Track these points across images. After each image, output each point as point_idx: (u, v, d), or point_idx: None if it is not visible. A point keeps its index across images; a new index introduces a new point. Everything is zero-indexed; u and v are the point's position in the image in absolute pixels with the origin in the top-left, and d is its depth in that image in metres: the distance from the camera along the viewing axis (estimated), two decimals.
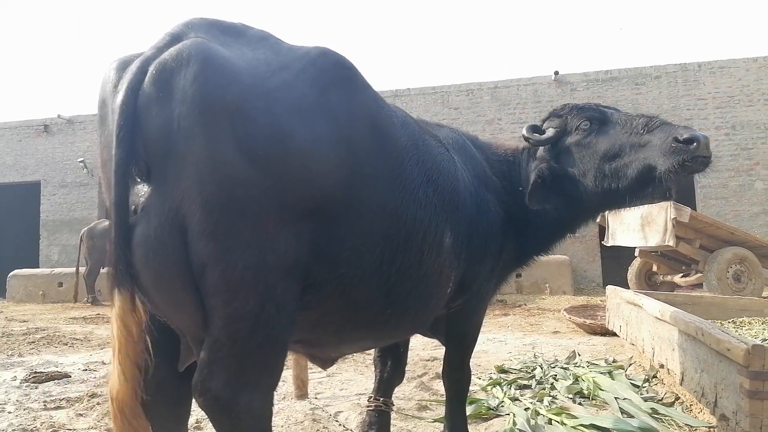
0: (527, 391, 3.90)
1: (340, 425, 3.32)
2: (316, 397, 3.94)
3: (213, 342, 1.53)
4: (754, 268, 9.05)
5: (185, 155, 1.47)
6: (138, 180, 1.53)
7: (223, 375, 1.52)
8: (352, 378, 4.53)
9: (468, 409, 3.11)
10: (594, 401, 3.62)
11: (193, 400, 1.65)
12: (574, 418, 3.13)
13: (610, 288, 5.98)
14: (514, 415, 3.26)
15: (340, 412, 3.58)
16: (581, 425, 3.03)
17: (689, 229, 8.95)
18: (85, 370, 5.02)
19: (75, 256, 13.02)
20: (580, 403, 3.56)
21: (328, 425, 3.31)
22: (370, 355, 4.13)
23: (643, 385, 3.84)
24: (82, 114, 17.18)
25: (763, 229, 12.51)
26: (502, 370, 4.48)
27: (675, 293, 6.73)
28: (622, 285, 6.87)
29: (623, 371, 4.21)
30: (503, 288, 3.02)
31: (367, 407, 2.92)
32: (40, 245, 16.93)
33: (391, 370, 2.93)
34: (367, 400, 2.95)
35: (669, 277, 10.33)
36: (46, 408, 3.77)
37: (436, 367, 4.66)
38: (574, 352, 4.96)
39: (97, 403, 3.81)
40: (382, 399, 2.89)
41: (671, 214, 8.61)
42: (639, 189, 2.40)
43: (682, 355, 3.47)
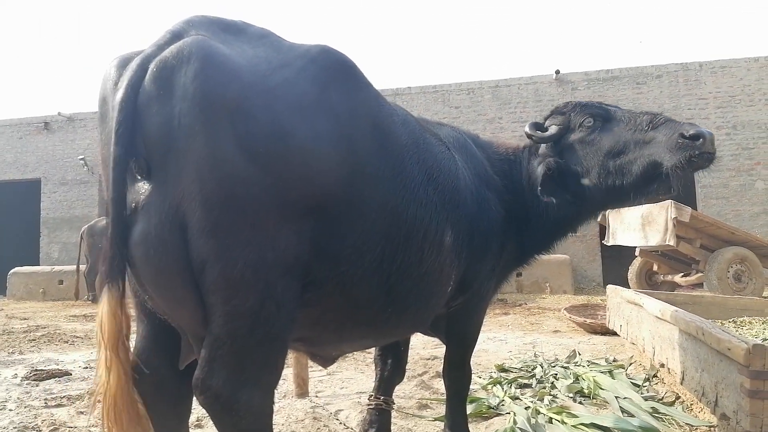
0: (528, 390, 3.90)
1: (341, 423, 3.32)
2: (317, 396, 3.95)
3: (213, 339, 1.53)
4: (754, 267, 9.04)
5: (185, 153, 1.47)
6: (138, 177, 1.53)
7: (224, 373, 1.52)
8: (352, 376, 4.53)
9: (468, 408, 3.11)
10: (594, 400, 3.62)
11: (194, 398, 1.65)
12: (575, 417, 3.13)
13: (610, 287, 5.98)
14: (514, 413, 3.26)
15: (340, 410, 3.58)
16: (581, 424, 3.02)
17: (690, 229, 8.94)
18: (86, 367, 5.02)
19: (75, 254, 13.01)
20: (580, 402, 3.56)
21: (328, 423, 3.31)
22: (370, 353, 4.13)
23: (644, 384, 3.84)
24: (82, 111, 17.18)
25: (764, 229, 12.50)
26: (502, 369, 4.48)
27: (675, 293, 6.72)
28: (622, 284, 6.86)
29: (624, 370, 4.21)
30: (504, 287, 3.02)
31: (368, 406, 2.92)
32: (40, 243, 16.94)
33: (391, 369, 2.93)
34: (368, 399, 2.95)
35: (669, 277, 10.33)
36: (46, 406, 3.77)
37: (437, 365, 4.66)
38: (575, 351, 4.96)
39: (98, 400, 3.80)
40: (382, 397, 2.89)
41: (672, 213, 8.60)
42: (644, 185, 2.40)
43: (682, 354, 3.47)
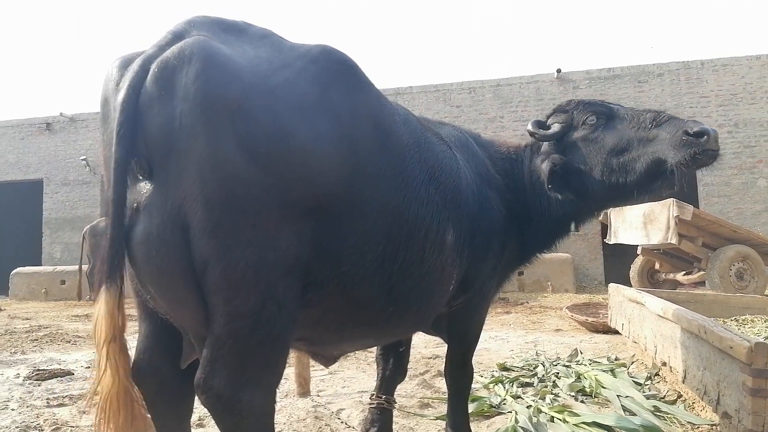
0: (529, 388, 3.89)
1: (342, 423, 3.33)
2: (318, 395, 3.95)
3: (215, 339, 1.53)
4: (756, 265, 9.03)
5: (187, 153, 1.47)
6: (140, 178, 1.53)
7: (225, 373, 1.52)
8: (354, 376, 4.53)
9: (470, 407, 3.11)
10: (596, 399, 3.62)
11: (196, 398, 1.65)
12: (576, 416, 3.12)
13: (612, 286, 5.97)
14: (516, 412, 3.26)
15: (342, 409, 3.58)
16: (583, 423, 3.02)
17: (692, 227, 8.94)
18: (88, 367, 5.03)
19: (77, 254, 13.04)
20: (582, 401, 3.56)
21: (330, 423, 3.31)
22: (372, 352, 4.13)
23: (646, 382, 3.84)
24: (84, 112, 17.21)
25: (766, 227, 12.48)
26: (504, 368, 4.48)
27: (677, 291, 6.71)
28: (624, 283, 6.85)
29: (625, 369, 4.21)
30: (505, 285, 3.02)
31: (369, 405, 2.93)
32: (42, 243, 16.99)
33: (393, 368, 2.94)
34: (369, 398, 2.95)
35: (671, 275, 10.32)
36: (49, 405, 3.78)
37: (438, 364, 4.66)
38: (576, 349, 4.96)
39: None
40: (384, 396, 2.89)
41: (674, 211, 8.60)
42: (648, 183, 2.41)
43: (684, 352, 3.47)
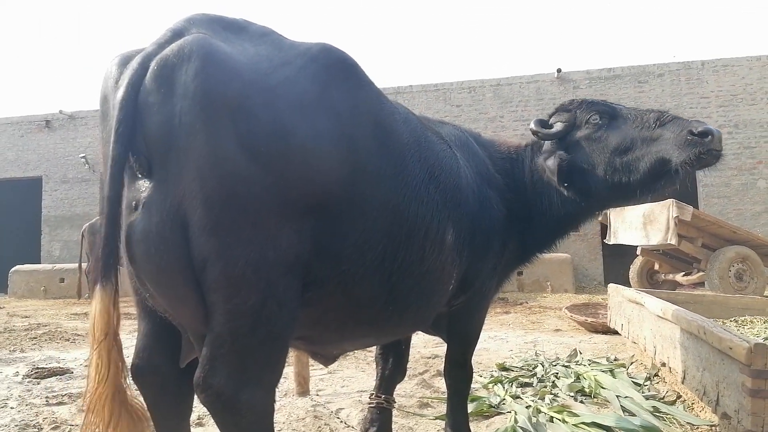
0: (528, 389, 3.89)
1: (342, 422, 3.32)
2: (318, 394, 3.95)
3: (214, 338, 1.53)
4: (756, 266, 9.04)
5: (186, 151, 1.46)
6: (139, 175, 1.53)
7: (225, 371, 1.51)
8: (353, 375, 4.53)
9: (469, 407, 3.11)
10: (595, 399, 3.62)
11: (195, 396, 1.65)
12: (576, 416, 3.12)
13: (611, 286, 5.97)
14: (515, 412, 3.26)
15: (341, 409, 3.58)
16: (582, 423, 3.02)
17: (691, 228, 8.94)
18: (87, 365, 5.01)
19: (76, 252, 13.05)
20: (581, 402, 3.56)
21: (329, 422, 3.31)
22: (371, 352, 4.12)
23: (645, 383, 3.84)
24: (83, 110, 17.20)
25: (766, 228, 12.48)
26: (503, 368, 4.48)
27: (677, 292, 6.71)
28: (623, 283, 6.86)
29: (625, 369, 4.21)
30: (505, 285, 3.02)
31: (369, 404, 2.92)
32: (41, 241, 16.97)
33: (392, 368, 2.93)
34: (369, 398, 2.95)
35: (671, 276, 10.33)
36: (48, 404, 3.78)
37: (438, 364, 4.66)
38: (576, 350, 4.96)
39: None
40: (383, 396, 2.89)
41: (673, 212, 8.60)
42: (651, 182, 2.41)
43: (683, 353, 3.47)
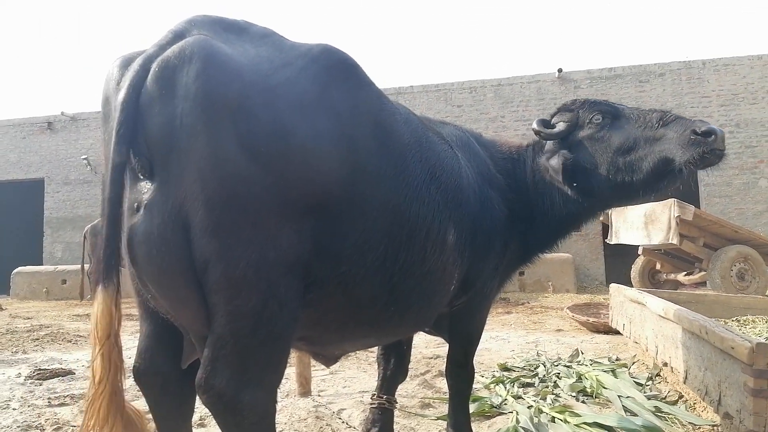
0: (530, 389, 3.89)
1: (344, 423, 3.32)
2: (319, 395, 3.95)
3: (216, 339, 1.53)
4: (757, 266, 9.02)
5: (188, 152, 1.47)
6: (140, 177, 1.53)
7: (227, 372, 1.52)
8: (355, 375, 4.53)
9: (471, 407, 3.11)
10: (597, 399, 3.62)
11: (197, 397, 1.65)
12: (577, 416, 3.12)
13: (613, 286, 5.96)
14: (517, 413, 3.26)
15: (343, 409, 3.58)
16: (584, 423, 3.02)
17: (693, 227, 8.93)
18: (89, 367, 5.02)
19: (78, 254, 13.04)
20: (583, 401, 3.56)
21: (331, 423, 3.31)
22: (373, 352, 4.12)
23: (647, 383, 3.84)
24: (85, 111, 17.21)
25: (767, 228, 12.46)
26: (505, 368, 4.47)
27: (678, 291, 6.70)
28: (625, 283, 6.85)
29: (626, 369, 4.21)
30: (506, 285, 3.02)
31: (371, 405, 2.92)
32: (43, 242, 16.99)
33: (394, 368, 2.94)
34: (370, 398, 2.95)
35: (672, 276, 10.32)
36: (50, 405, 3.78)
37: (440, 364, 4.66)
38: (577, 350, 4.95)
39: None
40: (385, 397, 2.89)
41: (675, 212, 8.59)
42: (654, 182, 2.42)
43: (685, 353, 3.46)
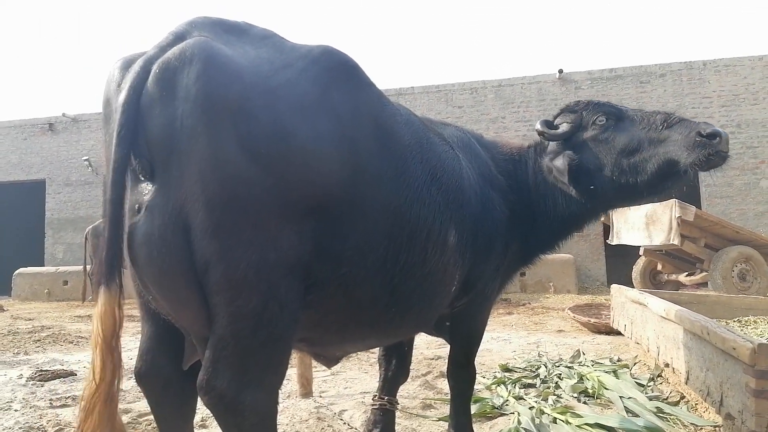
0: (532, 389, 3.89)
1: (345, 424, 3.32)
2: (321, 396, 3.95)
3: (217, 340, 1.53)
4: (759, 266, 9.01)
5: (188, 154, 1.47)
6: (141, 179, 1.54)
7: (228, 373, 1.52)
8: (356, 376, 4.53)
9: (472, 408, 3.10)
10: (599, 400, 3.61)
11: (198, 398, 1.65)
12: (579, 417, 3.12)
13: (614, 287, 5.96)
14: (518, 413, 3.26)
15: (344, 410, 3.58)
16: (586, 424, 3.01)
17: (694, 228, 8.92)
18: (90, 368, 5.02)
19: (79, 255, 13.06)
20: (584, 402, 3.55)
21: (332, 424, 3.31)
22: (374, 353, 4.13)
23: (648, 384, 3.83)
24: (86, 112, 17.24)
25: None
26: (506, 369, 4.47)
27: (680, 292, 6.69)
28: (626, 284, 6.85)
29: (628, 370, 4.20)
30: (508, 286, 3.01)
31: (372, 406, 2.92)
32: (45, 243, 17.02)
33: (395, 369, 2.93)
34: (372, 399, 2.95)
35: (674, 276, 10.31)
36: (52, 406, 3.78)
37: (441, 365, 4.65)
38: (579, 350, 4.95)
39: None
40: (386, 397, 2.89)
41: (676, 212, 8.59)
42: (658, 183, 2.42)
43: (687, 354, 3.46)
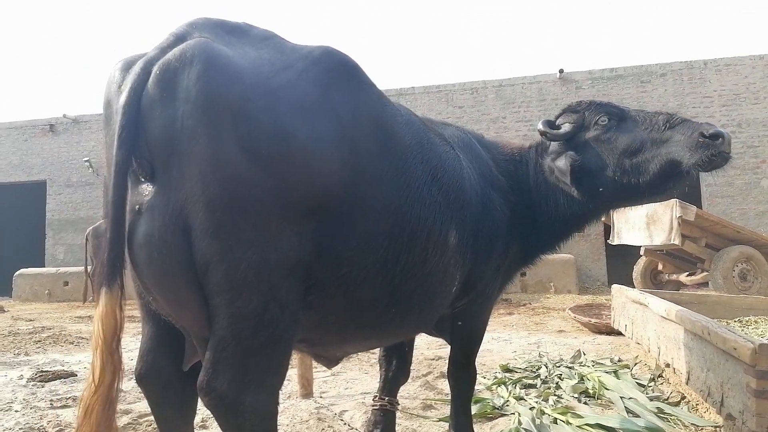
0: (532, 390, 3.89)
1: (345, 424, 3.32)
2: (321, 396, 3.95)
3: (217, 341, 1.53)
4: (760, 266, 9.01)
5: (189, 155, 1.47)
6: (142, 180, 1.54)
7: (228, 374, 1.52)
8: (357, 377, 4.53)
9: (473, 408, 3.10)
10: (599, 401, 3.61)
11: (199, 399, 1.65)
12: (580, 417, 3.12)
13: (615, 287, 5.95)
14: (519, 414, 3.25)
15: (345, 411, 3.58)
16: (586, 425, 3.01)
17: (695, 228, 8.92)
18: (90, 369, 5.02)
19: (80, 255, 13.07)
20: (585, 403, 3.55)
21: (333, 424, 3.31)
22: (375, 354, 4.13)
23: (649, 384, 3.83)
24: (87, 114, 17.25)
25: None
26: (507, 370, 4.47)
27: (680, 292, 6.69)
28: (627, 284, 6.85)
29: (629, 370, 4.20)
30: (508, 286, 3.01)
31: (372, 406, 2.92)
32: (45, 244, 17.03)
33: (396, 369, 2.93)
34: (372, 399, 2.95)
35: (674, 276, 10.30)
36: (52, 407, 3.78)
37: (441, 366, 4.65)
38: (579, 351, 4.95)
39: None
40: (387, 398, 2.89)
41: (677, 212, 8.58)
42: (660, 184, 2.43)
43: (688, 354, 3.46)
